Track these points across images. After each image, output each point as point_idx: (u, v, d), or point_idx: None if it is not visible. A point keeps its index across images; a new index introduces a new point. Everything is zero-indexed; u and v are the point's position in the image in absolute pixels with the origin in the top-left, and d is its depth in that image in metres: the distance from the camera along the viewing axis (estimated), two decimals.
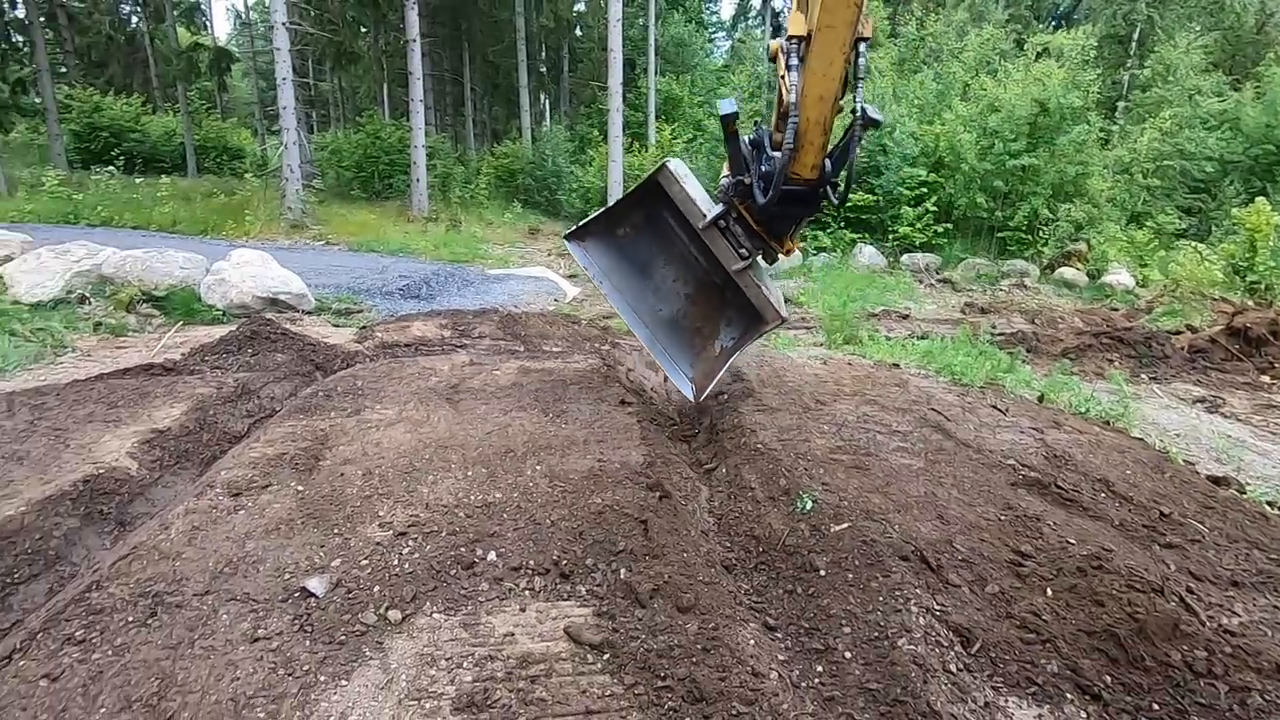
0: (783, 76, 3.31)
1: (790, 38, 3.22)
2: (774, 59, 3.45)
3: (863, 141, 3.60)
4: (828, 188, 3.60)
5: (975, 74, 19.61)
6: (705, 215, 3.96)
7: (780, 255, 4.15)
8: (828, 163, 3.52)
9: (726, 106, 3.67)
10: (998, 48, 21.78)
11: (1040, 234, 15.89)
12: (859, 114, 3.31)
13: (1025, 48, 19.73)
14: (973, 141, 16.20)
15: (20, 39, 24.80)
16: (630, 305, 4.35)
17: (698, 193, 4.04)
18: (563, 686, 1.95)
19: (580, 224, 4.37)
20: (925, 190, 16.56)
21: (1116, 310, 11.54)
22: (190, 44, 26.62)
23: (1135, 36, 25.21)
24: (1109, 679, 2.10)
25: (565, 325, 7.90)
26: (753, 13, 40.86)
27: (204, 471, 3.49)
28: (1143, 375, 7.01)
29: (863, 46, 3.18)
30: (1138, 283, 13.71)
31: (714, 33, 41.09)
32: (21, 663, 1.96)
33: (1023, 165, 15.78)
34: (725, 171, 4.05)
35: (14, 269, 7.25)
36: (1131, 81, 24.18)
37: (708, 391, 4.10)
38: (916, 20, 26.05)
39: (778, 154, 3.43)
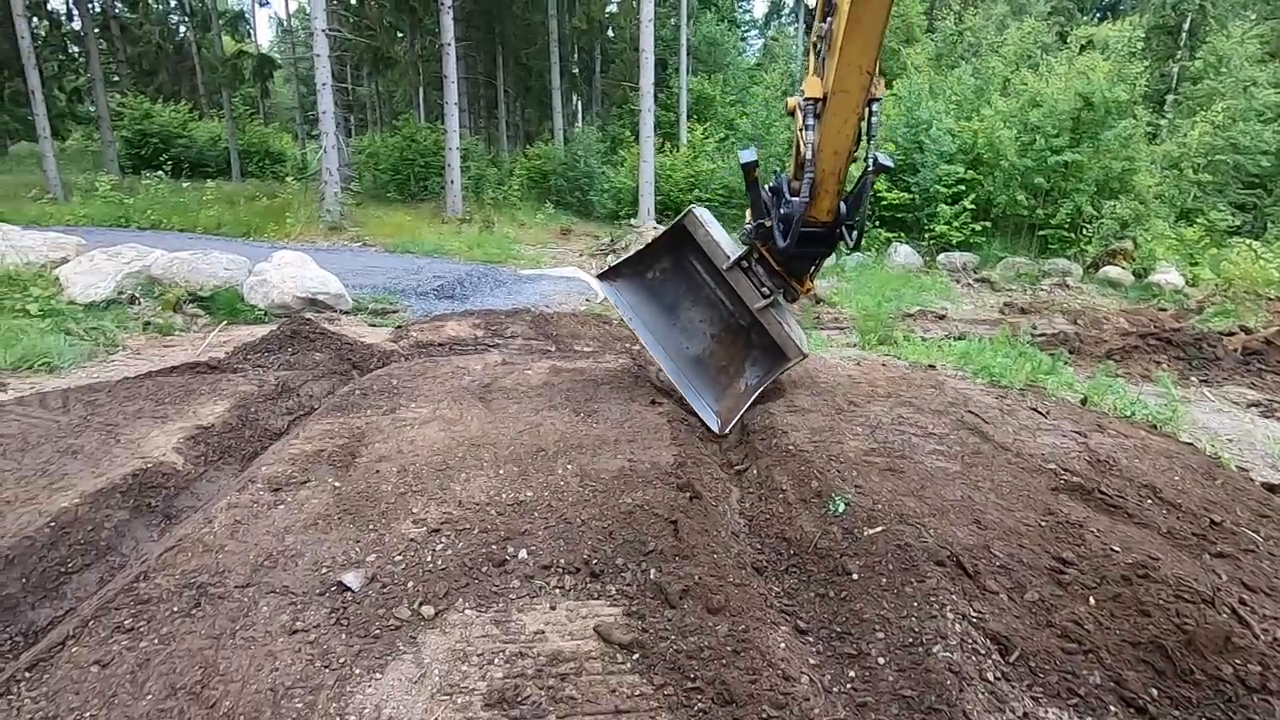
0: (800, 132, 3.54)
1: (807, 99, 3.46)
2: (791, 113, 3.67)
3: (875, 184, 3.93)
4: (843, 229, 3.83)
5: (1016, 68, 19.17)
6: (729, 257, 4.20)
7: (800, 293, 4.41)
8: (843, 206, 3.76)
9: (746, 156, 3.92)
10: (1039, 41, 21.26)
11: (1084, 232, 15.46)
12: (871, 161, 3.55)
13: (1068, 40, 19.21)
14: (1013, 137, 15.82)
15: (76, 50, 25.89)
16: (659, 342, 4.55)
17: (721, 237, 4.31)
18: (592, 685, 1.96)
19: (612, 265, 4.64)
20: (963, 188, 16.22)
21: (1165, 310, 11.16)
22: (235, 52, 27.41)
23: (1186, 27, 24.35)
24: (1155, 692, 2.03)
25: (596, 325, 7.94)
26: (786, 10, 40.50)
27: (246, 467, 3.59)
28: (1192, 378, 6.77)
29: (875, 106, 3.41)
30: (1188, 282, 13.25)
31: (746, 31, 40.83)
32: (74, 649, 2.04)
33: (1065, 161, 15.36)
34: (748, 217, 4.30)
35: (69, 270, 7.56)
36: (1181, 73, 23.37)
37: (732, 425, 4.20)
38: (954, 14, 25.57)
39: (796, 199, 3.65)
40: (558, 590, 2.39)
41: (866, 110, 3.40)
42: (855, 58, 3.15)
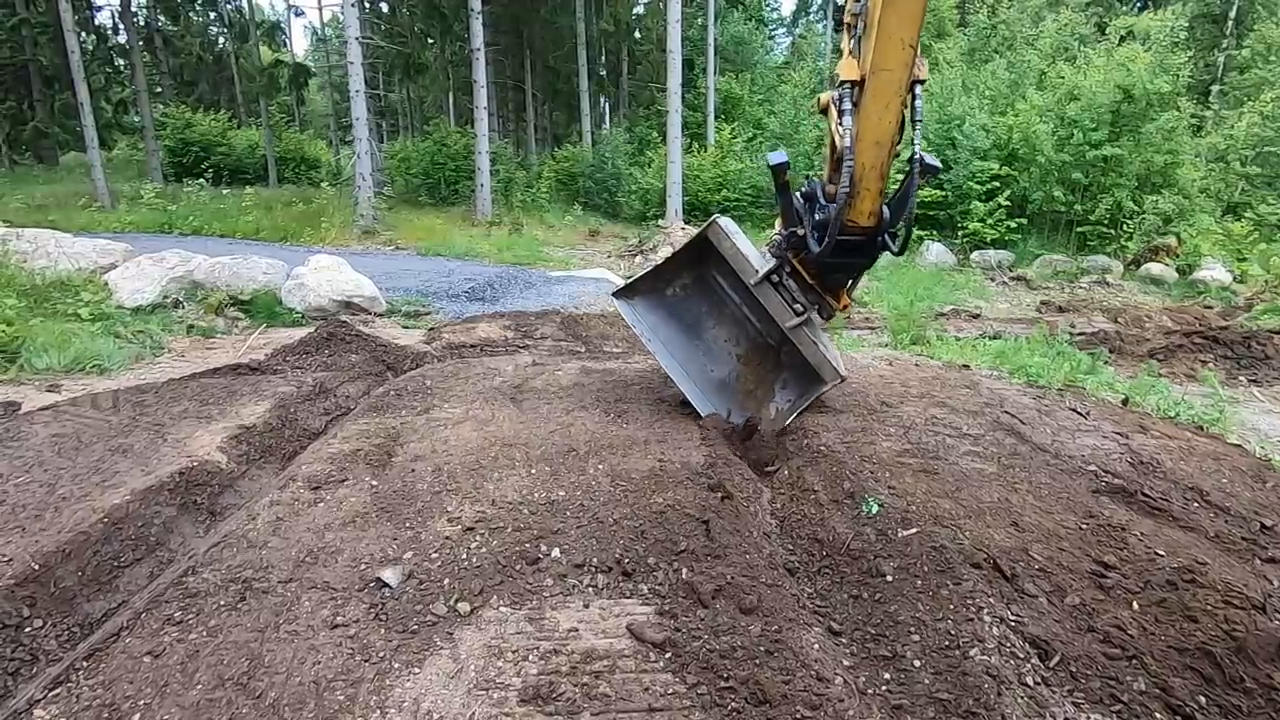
0: (836, 124, 3.24)
1: (842, 83, 3.12)
2: (824, 110, 3.38)
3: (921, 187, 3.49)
4: (886, 236, 3.46)
5: (1052, 61, 18.75)
6: (757, 271, 3.81)
7: (836, 309, 4.00)
8: (886, 210, 3.39)
9: (776, 157, 3.57)
10: (1077, 33, 20.76)
11: (1124, 228, 15.04)
12: (917, 162, 3.23)
13: (1107, 32, 18.73)
14: (1049, 132, 15.47)
15: (122, 62, 26.81)
16: (681, 365, 4.19)
17: (748, 249, 3.94)
18: (626, 683, 1.97)
19: (629, 282, 4.29)
20: (997, 184, 15.90)
21: (1210, 308, 10.80)
22: (271, 61, 28.12)
23: (1232, 15, 23.55)
24: (1203, 700, 1.98)
25: (625, 326, 7.94)
26: (814, 7, 40.15)
27: (286, 466, 3.68)
28: (1241, 377, 6.55)
29: (919, 89, 3.07)
30: (1235, 278, 12.79)
31: (774, 29, 40.54)
32: (128, 640, 2.13)
33: (1105, 155, 14.96)
34: (777, 227, 3.98)
35: (117, 276, 7.82)
36: (1228, 63, 22.61)
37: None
38: (988, 7, 25.10)
39: (833, 205, 3.32)
40: (590, 589, 2.41)
41: (909, 95, 3.06)
42: (897, 30, 2.87)
